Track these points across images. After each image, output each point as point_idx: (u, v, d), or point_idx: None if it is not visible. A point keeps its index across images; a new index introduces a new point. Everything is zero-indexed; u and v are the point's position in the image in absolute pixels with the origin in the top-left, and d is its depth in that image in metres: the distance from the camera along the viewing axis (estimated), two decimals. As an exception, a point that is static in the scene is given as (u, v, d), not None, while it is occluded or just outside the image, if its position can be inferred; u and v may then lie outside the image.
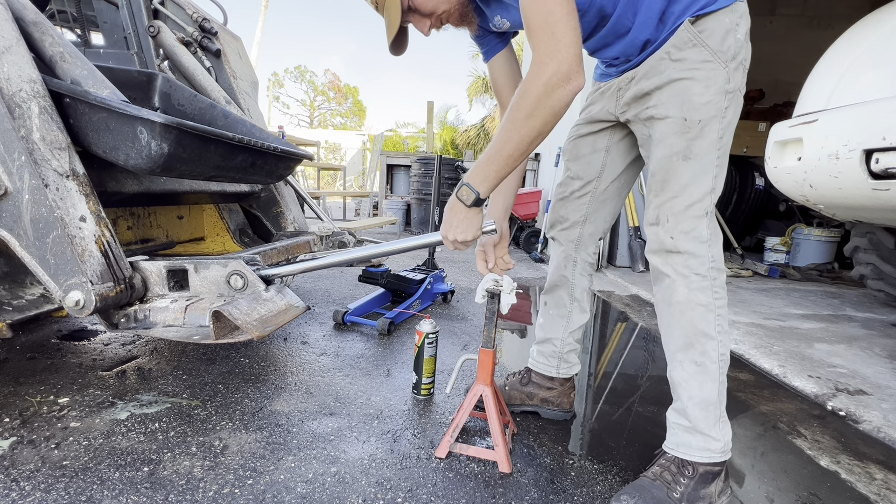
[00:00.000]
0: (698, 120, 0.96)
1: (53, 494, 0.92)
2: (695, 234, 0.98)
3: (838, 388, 1.65)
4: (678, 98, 0.97)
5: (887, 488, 1.13)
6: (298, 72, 33.87)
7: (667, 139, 0.99)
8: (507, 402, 1.37)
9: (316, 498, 0.96)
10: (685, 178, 0.98)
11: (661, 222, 1.01)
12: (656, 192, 1.02)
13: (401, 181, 7.33)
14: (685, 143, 0.97)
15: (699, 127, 0.96)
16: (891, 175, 1.79)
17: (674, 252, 1.00)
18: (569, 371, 1.36)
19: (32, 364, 1.50)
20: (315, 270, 1.43)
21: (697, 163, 0.97)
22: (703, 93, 0.95)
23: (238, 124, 1.80)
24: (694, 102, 0.95)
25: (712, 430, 0.98)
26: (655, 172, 1.03)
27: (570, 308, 1.33)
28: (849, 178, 1.94)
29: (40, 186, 1.09)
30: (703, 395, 0.98)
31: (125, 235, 1.77)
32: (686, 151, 0.97)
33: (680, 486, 0.97)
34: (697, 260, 0.98)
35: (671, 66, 0.97)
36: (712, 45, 0.94)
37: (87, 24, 2.52)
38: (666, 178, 1.00)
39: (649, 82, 1.01)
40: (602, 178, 1.25)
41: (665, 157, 1.00)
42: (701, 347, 0.99)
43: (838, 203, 2.16)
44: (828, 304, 3.05)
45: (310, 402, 1.37)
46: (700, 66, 0.95)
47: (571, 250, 1.31)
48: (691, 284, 0.99)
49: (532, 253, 4.63)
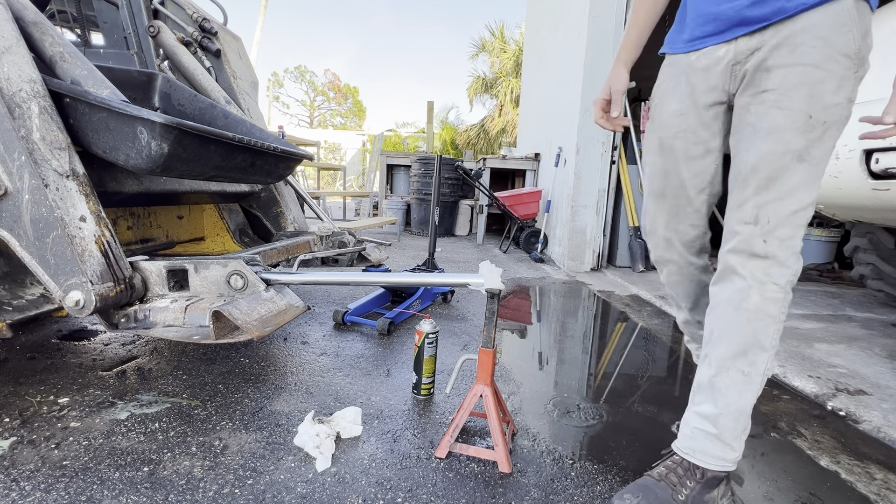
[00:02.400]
0: (823, 121, 0.85)
1: (53, 494, 0.92)
2: (791, 242, 0.90)
3: (838, 388, 1.65)
4: (808, 89, 0.85)
5: (887, 488, 1.13)
6: (298, 72, 33.87)
7: (782, 133, 0.87)
8: None
9: (316, 498, 0.96)
10: (795, 181, 0.88)
11: (761, 223, 0.91)
12: (757, 189, 0.91)
13: (401, 181, 7.33)
14: (804, 143, 0.87)
15: (822, 129, 0.86)
16: (891, 175, 1.80)
17: (761, 256, 0.91)
18: None
19: (32, 364, 1.50)
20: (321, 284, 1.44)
21: (812, 167, 0.88)
22: (836, 92, 0.85)
23: (238, 124, 1.80)
24: (825, 100, 0.85)
25: (735, 442, 0.96)
26: (759, 168, 0.90)
27: None
28: (849, 178, 1.94)
29: (40, 186, 1.09)
30: (740, 405, 0.95)
31: (125, 235, 1.78)
32: (803, 152, 0.87)
33: (686, 489, 0.95)
34: (782, 270, 0.91)
35: (813, 43, 0.83)
36: (858, 39, 0.83)
37: (87, 24, 2.51)
38: (773, 177, 0.89)
39: (779, 55, 0.87)
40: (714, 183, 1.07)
41: (776, 153, 0.88)
42: (753, 358, 0.94)
43: (838, 203, 2.16)
44: (828, 304, 3.05)
45: (310, 402, 1.37)
46: (841, 59, 0.83)
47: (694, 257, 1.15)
48: (766, 293, 0.92)
49: (532, 253, 4.63)
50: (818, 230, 4.37)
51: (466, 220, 6.60)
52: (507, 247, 5.05)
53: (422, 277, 1.31)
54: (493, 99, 15.53)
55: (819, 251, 4.37)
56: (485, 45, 15.68)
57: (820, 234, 4.35)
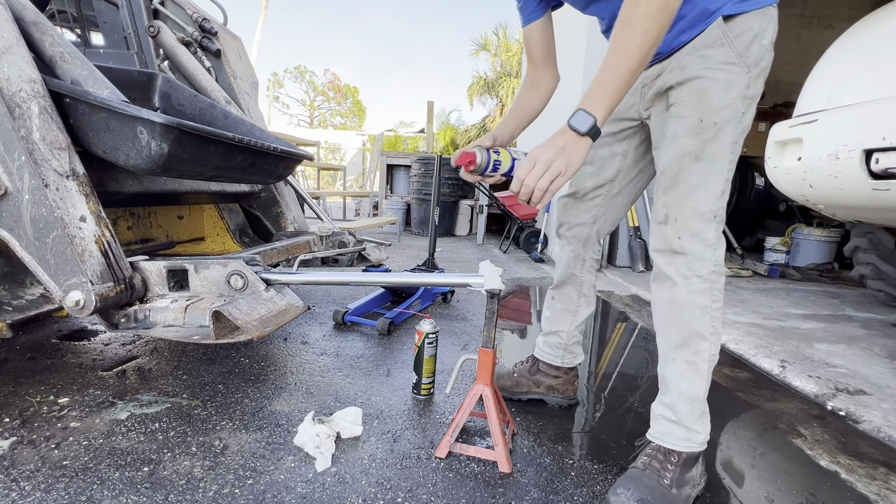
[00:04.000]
0: (714, 122, 0.95)
1: (53, 494, 0.92)
2: (702, 236, 0.98)
3: (838, 388, 1.65)
4: (697, 97, 0.96)
5: (887, 488, 1.12)
6: (298, 72, 33.87)
7: (680, 138, 0.99)
8: (515, 388, 1.44)
9: (316, 498, 0.96)
10: (695, 180, 0.98)
11: (670, 221, 1.01)
12: (665, 189, 1.02)
13: (401, 181, 7.33)
14: (698, 144, 0.97)
15: (714, 129, 0.95)
16: (891, 175, 1.79)
17: (679, 253, 1.00)
18: (573, 361, 1.42)
19: (32, 364, 1.50)
20: (321, 284, 1.44)
21: (709, 165, 0.97)
22: (723, 95, 0.94)
23: (238, 124, 1.80)
24: (712, 104, 0.95)
25: (696, 425, 1.03)
26: (665, 170, 1.02)
27: (578, 303, 1.37)
28: (849, 178, 1.94)
29: (40, 186, 1.09)
30: (693, 392, 1.02)
31: (125, 235, 1.78)
32: (699, 152, 0.97)
33: (668, 472, 1.01)
34: (701, 262, 0.99)
35: (695, 62, 0.96)
36: (739, 47, 0.93)
37: (87, 24, 2.51)
38: (676, 177, 1.00)
39: (672, 76, 1.00)
40: (616, 182, 1.24)
41: (677, 156, 0.99)
42: (694, 347, 1.01)
43: (838, 203, 2.16)
44: (828, 304, 3.05)
45: (310, 402, 1.37)
46: (723, 67, 0.94)
47: (580, 249, 1.33)
48: (692, 286, 1.00)
49: (532, 253, 4.63)
50: (818, 230, 4.36)
51: (466, 220, 6.60)
52: (507, 247, 5.05)
53: (422, 277, 1.31)
54: (494, 99, 15.52)
55: (819, 251, 4.36)
56: (486, 43, 15.67)
57: (820, 234, 4.35)
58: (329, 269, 2.06)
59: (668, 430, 1.04)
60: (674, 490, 0.98)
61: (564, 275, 1.37)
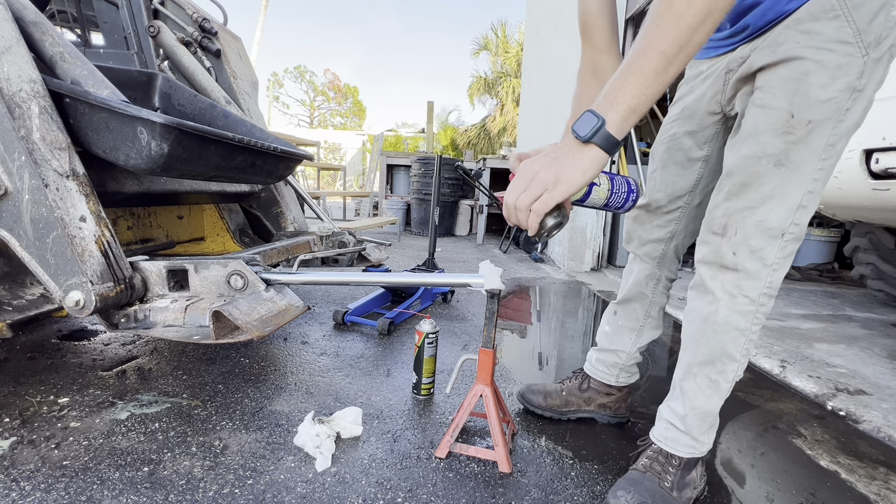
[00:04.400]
0: (808, 120, 0.76)
1: (53, 494, 0.92)
2: (762, 254, 0.84)
3: (838, 388, 1.65)
4: (791, 85, 0.77)
5: (887, 488, 1.12)
6: (298, 72, 33.87)
7: (759, 135, 0.81)
8: (564, 407, 1.33)
9: (316, 498, 0.96)
10: (769, 189, 0.81)
11: (728, 234, 0.86)
12: (728, 195, 0.86)
13: (401, 181, 7.33)
14: (783, 146, 0.79)
15: (806, 129, 0.77)
16: (891, 175, 1.80)
17: (731, 269, 0.87)
18: (628, 380, 1.31)
19: (32, 364, 1.50)
20: (321, 284, 1.45)
21: (791, 173, 0.80)
22: (827, 86, 0.75)
23: (238, 124, 1.80)
24: (811, 96, 0.76)
25: (703, 436, 1.00)
26: (734, 172, 0.85)
27: (644, 324, 1.23)
28: (849, 178, 1.94)
29: (40, 186, 1.09)
30: (707, 408, 0.97)
31: (125, 235, 1.78)
32: (781, 156, 0.79)
33: (669, 475, 0.99)
34: (752, 283, 0.86)
35: (795, 38, 0.76)
36: (858, 20, 0.72)
37: (87, 24, 2.52)
38: (746, 183, 0.83)
39: (762, 55, 0.80)
40: (696, 192, 1.06)
41: (752, 156, 0.82)
42: (721, 367, 0.94)
43: (838, 203, 2.16)
44: (828, 304, 3.05)
45: (310, 402, 1.37)
46: (833, 46, 0.73)
47: (655, 268, 1.18)
48: (735, 306, 0.88)
49: (532, 253, 4.63)
50: (818, 230, 4.37)
51: (466, 220, 6.60)
52: (507, 247, 5.05)
53: (422, 277, 1.31)
54: (494, 99, 15.53)
55: (819, 251, 4.37)
56: (487, 43, 15.67)
57: (820, 234, 4.36)
58: (329, 269, 2.06)
59: (673, 436, 1.02)
60: (674, 493, 0.97)
61: (633, 292, 1.22)
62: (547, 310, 2.72)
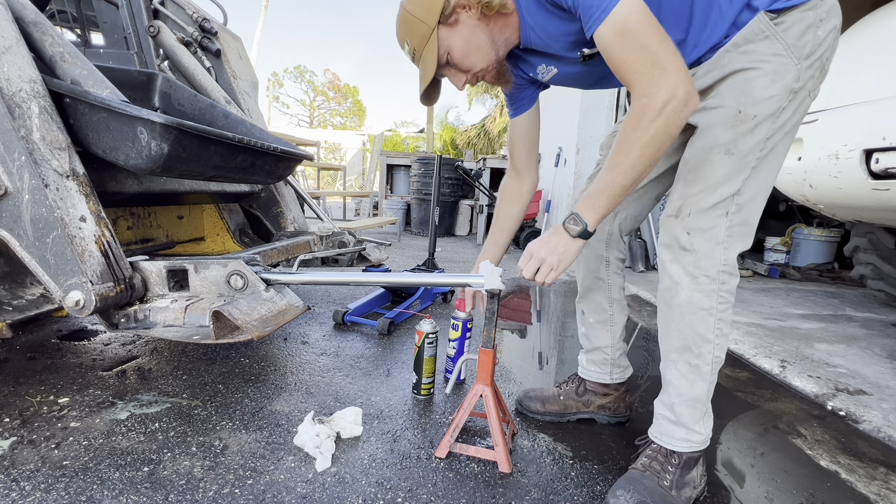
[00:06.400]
0: (753, 115, 0.88)
1: (53, 494, 0.92)
2: (713, 233, 0.93)
3: (838, 388, 1.65)
4: (738, 88, 0.89)
5: (887, 488, 1.13)
6: (298, 72, 33.87)
7: (713, 129, 0.92)
8: (564, 411, 1.35)
9: (316, 498, 0.96)
10: (720, 174, 0.91)
11: (682, 215, 0.95)
12: (685, 182, 0.96)
13: (401, 181, 7.34)
14: (732, 137, 0.90)
15: (753, 123, 0.89)
16: (891, 175, 1.80)
17: (687, 250, 0.95)
18: (623, 375, 1.33)
19: (32, 364, 1.50)
20: (321, 284, 1.45)
21: (738, 160, 0.91)
22: (768, 87, 0.87)
23: (238, 124, 1.80)
24: (755, 95, 0.88)
25: (696, 426, 1.01)
26: (689, 161, 0.96)
27: (611, 311, 1.28)
28: (849, 178, 1.94)
29: (40, 186, 1.09)
30: (693, 393, 1.00)
31: (125, 235, 1.77)
32: (730, 146, 0.90)
33: (668, 474, 1.00)
34: (709, 261, 0.94)
35: (737, 57, 0.89)
36: (787, 39, 0.86)
37: (87, 24, 2.52)
38: (699, 170, 0.94)
39: (709, 77, 0.93)
40: None
41: (705, 147, 0.93)
42: (697, 350, 0.98)
43: (838, 203, 2.16)
44: (828, 304, 3.05)
45: (310, 402, 1.37)
46: (770, 58, 0.87)
47: (602, 249, 1.25)
48: (698, 286, 0.95)
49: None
50: (818, 230, 4.37)
51: (466, 220, 6.60)
52: (507, 247, 5.04)
53: (422, 277, 1.31)
54: (494, 99, 15.52)
55: (819, 251, 4.37)
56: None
57: (820, 234, 4.35)
58: (329, 269, 2.06)
59: (667, 430, 1.03)
60: (673, 492, 0.98)
61: (589, 280, 1.29)
62: (547, 310, 2.72)
